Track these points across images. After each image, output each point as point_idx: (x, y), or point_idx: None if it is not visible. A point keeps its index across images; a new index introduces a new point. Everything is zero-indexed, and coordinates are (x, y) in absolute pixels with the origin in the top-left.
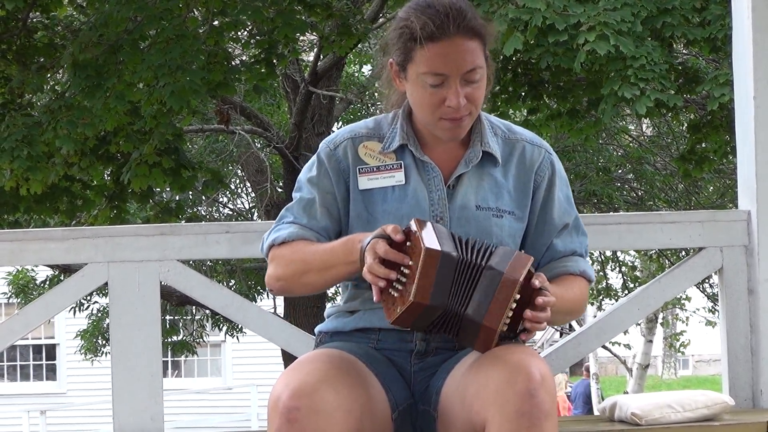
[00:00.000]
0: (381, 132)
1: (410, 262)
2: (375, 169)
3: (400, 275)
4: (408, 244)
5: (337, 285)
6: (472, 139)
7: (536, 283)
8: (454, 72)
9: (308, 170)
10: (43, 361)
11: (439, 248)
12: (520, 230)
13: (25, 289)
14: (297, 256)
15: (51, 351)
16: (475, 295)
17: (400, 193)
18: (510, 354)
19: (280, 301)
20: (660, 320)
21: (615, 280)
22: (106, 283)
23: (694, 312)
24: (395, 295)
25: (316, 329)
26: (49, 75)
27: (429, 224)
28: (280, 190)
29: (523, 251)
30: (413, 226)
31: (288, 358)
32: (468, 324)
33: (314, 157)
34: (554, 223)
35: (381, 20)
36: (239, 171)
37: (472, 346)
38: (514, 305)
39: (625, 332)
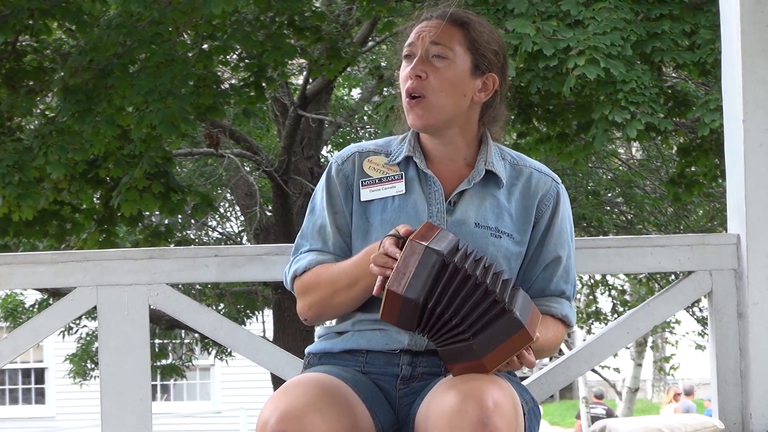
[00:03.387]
0: (389, 149)
1: (398, 256)
2: (377, 180)
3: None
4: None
5: None
6: (477, 159)
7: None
8: (421, 42)
9: (320, 190)
10: (32, 385)
11: (425, 244)
12: (517, 254)
13: (14, 312)
14: (322, 280)
15: (40, 375)
16: (488, 331)
17: (401, 203)
18: (465, 381)
19: (269, 324)
20: (650, 344)
21: (604, 303)
22: (95, 307)
23: (684, 335)
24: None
25: (306, 350)
26: (38, 98)
27: (438, 229)
28: (269, 213)
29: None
30: (419, 227)
31: (277, 382)
32: (466, 351)
33: (324, 175)
34: (548, 252)
35: (370, 44)
36: (228, 194)
37: (452, 367)
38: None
39: (615, 356)
